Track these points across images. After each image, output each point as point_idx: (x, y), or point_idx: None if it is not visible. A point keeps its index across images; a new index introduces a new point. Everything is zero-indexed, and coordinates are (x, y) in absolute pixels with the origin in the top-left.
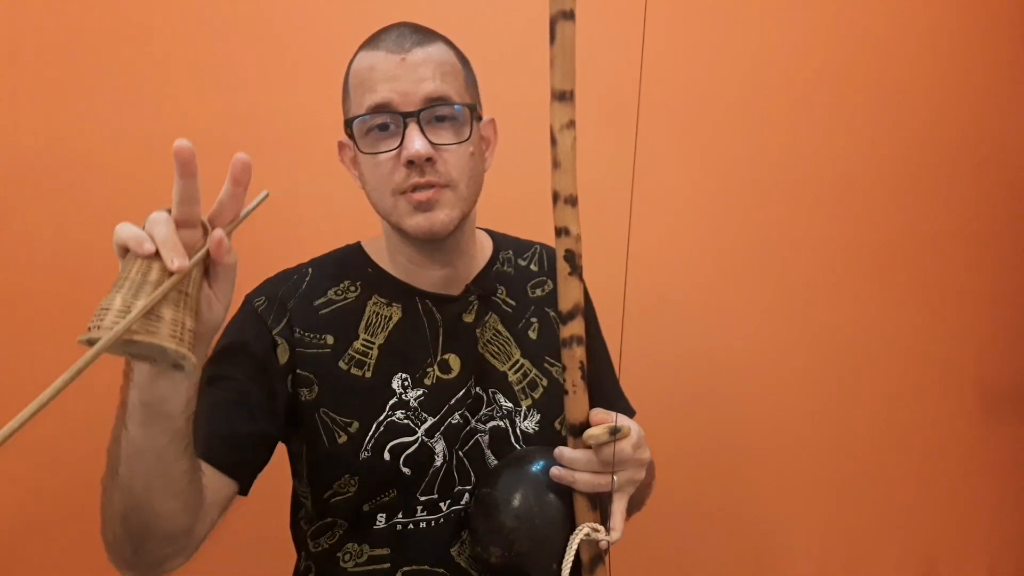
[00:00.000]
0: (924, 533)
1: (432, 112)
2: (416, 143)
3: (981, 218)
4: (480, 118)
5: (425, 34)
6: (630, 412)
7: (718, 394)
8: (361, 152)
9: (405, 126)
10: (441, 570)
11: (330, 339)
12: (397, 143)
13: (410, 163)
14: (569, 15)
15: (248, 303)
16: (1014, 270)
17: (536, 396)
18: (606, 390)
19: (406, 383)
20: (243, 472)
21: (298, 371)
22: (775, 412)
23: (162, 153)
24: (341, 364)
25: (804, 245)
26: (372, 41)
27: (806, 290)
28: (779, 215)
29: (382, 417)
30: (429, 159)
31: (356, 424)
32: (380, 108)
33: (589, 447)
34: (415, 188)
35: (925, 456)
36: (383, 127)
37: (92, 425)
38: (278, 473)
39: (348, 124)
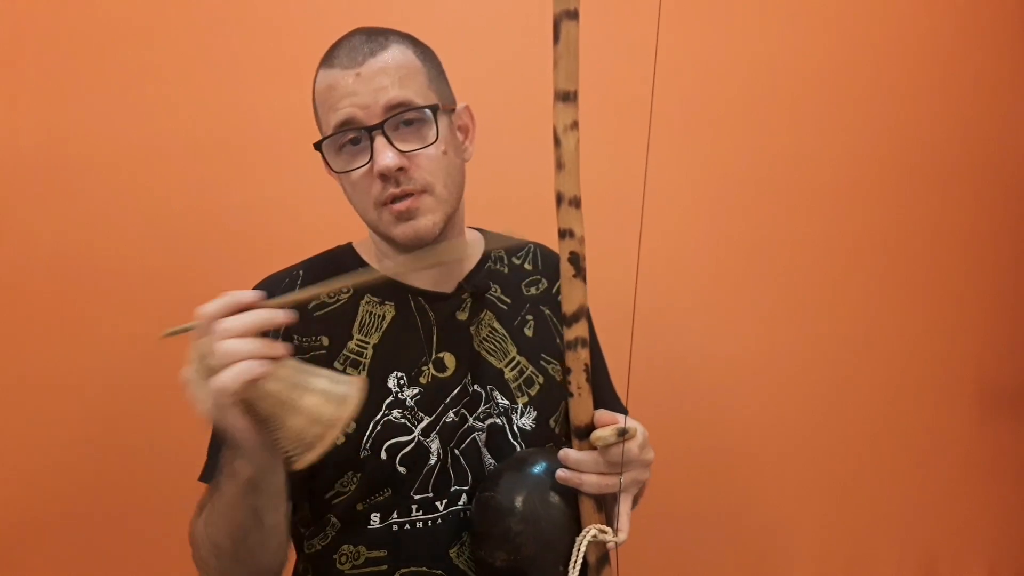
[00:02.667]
0: (924, 533)
1: (396, 120)
2: (385, 156)
3: (981, 218)
4: (452, 110)
5: (377, 41)
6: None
7: (720, 394)
8: (334, 172)
9: (372, 140)
10: (439, 572)
11: (325, 340)
12: (368, 157)
13: (383, 176)
14: (573, 15)
15: None
16: (1014, 270)
17: (532, 393)
18: (601, 395)
19: (402, 382)
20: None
21: None
22: (776, 412)
23: (162, 153)
24: (336, 365)
25: (806, 247)
26: (327, 58)
27: (807, 291)
28: (781, 217)
29: (379, 416)
30: (401, 168)
31: (353, 424)
32: (344, 126)
33: (594, 448)
34: (393, 199)
35: (925, 456)
36: (355, 141)
37: (92, 428)
38: None
39: (317, 146)
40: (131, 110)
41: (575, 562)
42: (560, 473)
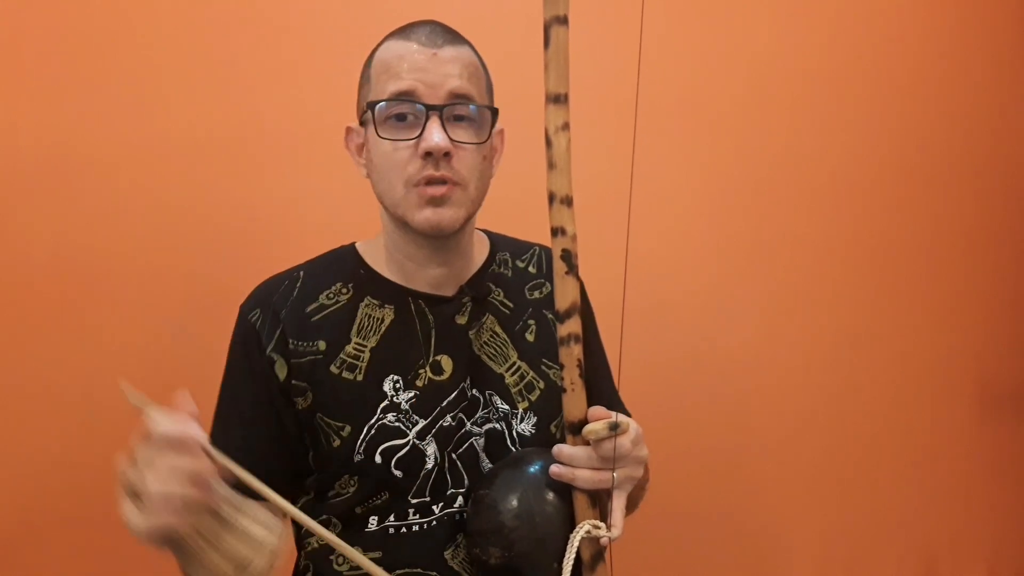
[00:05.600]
0: (924, 533)
1: (454, 109)
2: (436, 135)
3: (981, 218)
4: (494, 124)
5: (456, 35)
6: (626, 415)
7: (718, 394)
8: (379, 137)
9: (427, 118)
10: (434, 573)
11: (322, 344)
12: (415, 134)
13: (427, 155)
14: (563, 20)
15: (244, 316)
16: (1014, 270)
17: (533, 398)
18: (603, 392)
19: (398, 385)
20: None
21: (293, 381)
22: (775, 412)
23: (162, 153)
24: (332, 369)
25: (803, 245)
26: (403, 32)
27: (805, 290)
28: (777, 215)
29: (373, 420)
30: (447, 153)
31: (348, 428)
32: (404, 96)
33: (588, 444)
34: (428, 181)
35: (925, 456)
36: (401, 117)
37: (92, 429)
38: None
39: (370, 107)
40: (131, 110)
41: (569, 558)
42: (554, 468)
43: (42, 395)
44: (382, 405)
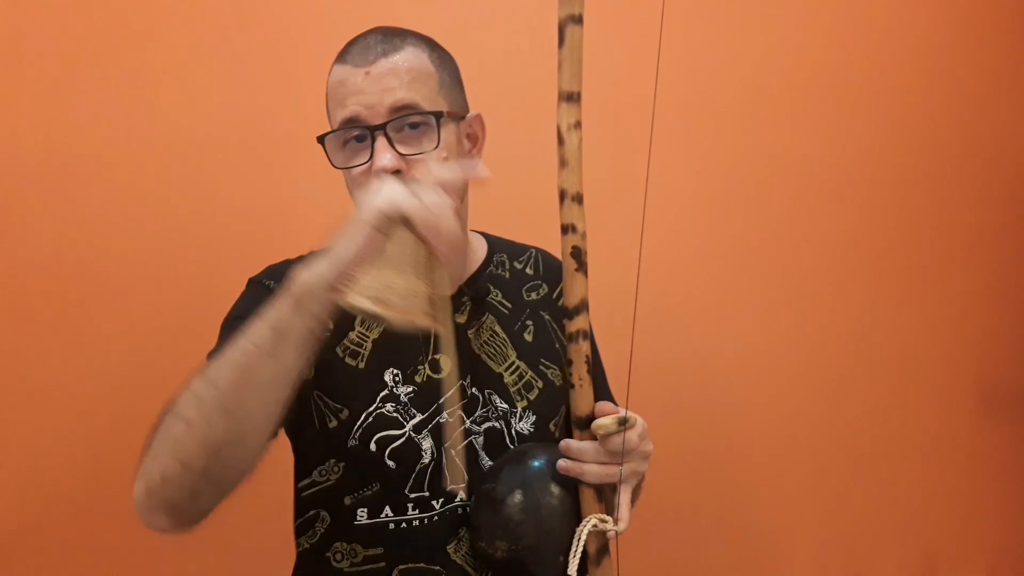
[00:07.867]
0: (924, 533)
1: (400, 122)
2: (383, 158)
3: (981, 219)
4: (462, 118)
5: (392, 42)
6: None
7: (721, 395)
8: (334, 167)
9: (374, 139)
10: (437, 568)
11: (330, 324)
12: (369, 155)
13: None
14: (578, 19)
15: (257, 283)
16: (1014, 270)
17: (532, 397)
18: (597, 396)
19: (397, 378)
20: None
21: None
22: (776, 412)
23: (162, 153)
24: (338, 351)
25: (806, 246)
26: (342, 54)
27: (807, 292)
28: (782, 217)
29: (372, 408)
30: (398, 171)
31: (347, 411)
32: (348, 123)
33: (595, 438)
34: None
35: (925, 456)
36: (360, 139)
37: (91, 428)
38: (278, 473)
39: (319, 141)
40: (131, 110)
41: (575, 552)
42: (561, 463)
43: (42, 395)
44: (382, 394)
